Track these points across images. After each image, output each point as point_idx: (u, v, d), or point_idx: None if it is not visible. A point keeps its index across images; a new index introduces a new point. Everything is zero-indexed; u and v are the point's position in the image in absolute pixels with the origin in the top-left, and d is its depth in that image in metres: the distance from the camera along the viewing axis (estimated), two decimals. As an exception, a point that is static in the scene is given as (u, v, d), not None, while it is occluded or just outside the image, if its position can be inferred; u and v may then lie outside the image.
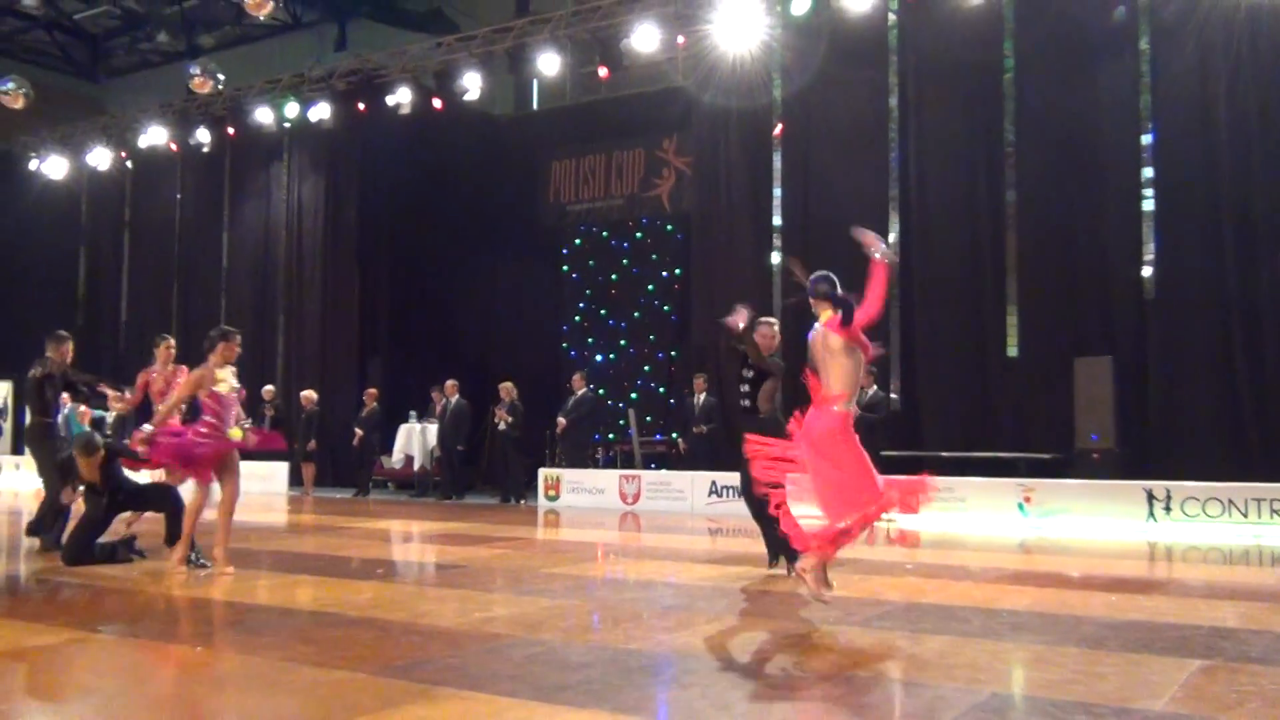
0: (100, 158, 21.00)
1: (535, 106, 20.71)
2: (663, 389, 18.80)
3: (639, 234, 19.67)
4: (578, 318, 20.16)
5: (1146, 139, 13.16)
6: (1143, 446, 12.66)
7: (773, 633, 5.81)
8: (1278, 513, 10.84)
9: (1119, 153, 13.31)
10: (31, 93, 18.81)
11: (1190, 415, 12.61)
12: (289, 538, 11.15)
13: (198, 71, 17.51)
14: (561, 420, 15.51)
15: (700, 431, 14.47)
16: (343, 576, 7.84)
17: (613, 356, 19.68)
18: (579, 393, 15.56)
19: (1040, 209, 13.66)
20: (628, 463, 16.36)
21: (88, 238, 23.25)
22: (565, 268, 20.38)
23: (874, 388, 12.91)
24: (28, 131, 21.66)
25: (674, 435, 16.12)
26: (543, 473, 15.57)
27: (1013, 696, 4.54)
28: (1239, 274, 12.37)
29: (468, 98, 16.83)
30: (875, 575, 7.25)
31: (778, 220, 15.46)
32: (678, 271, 18.72)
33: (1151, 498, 11.42)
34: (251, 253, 20.53)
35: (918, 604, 6.60)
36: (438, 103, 17.27)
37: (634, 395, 18.93)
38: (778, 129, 15.50)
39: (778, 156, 15.52)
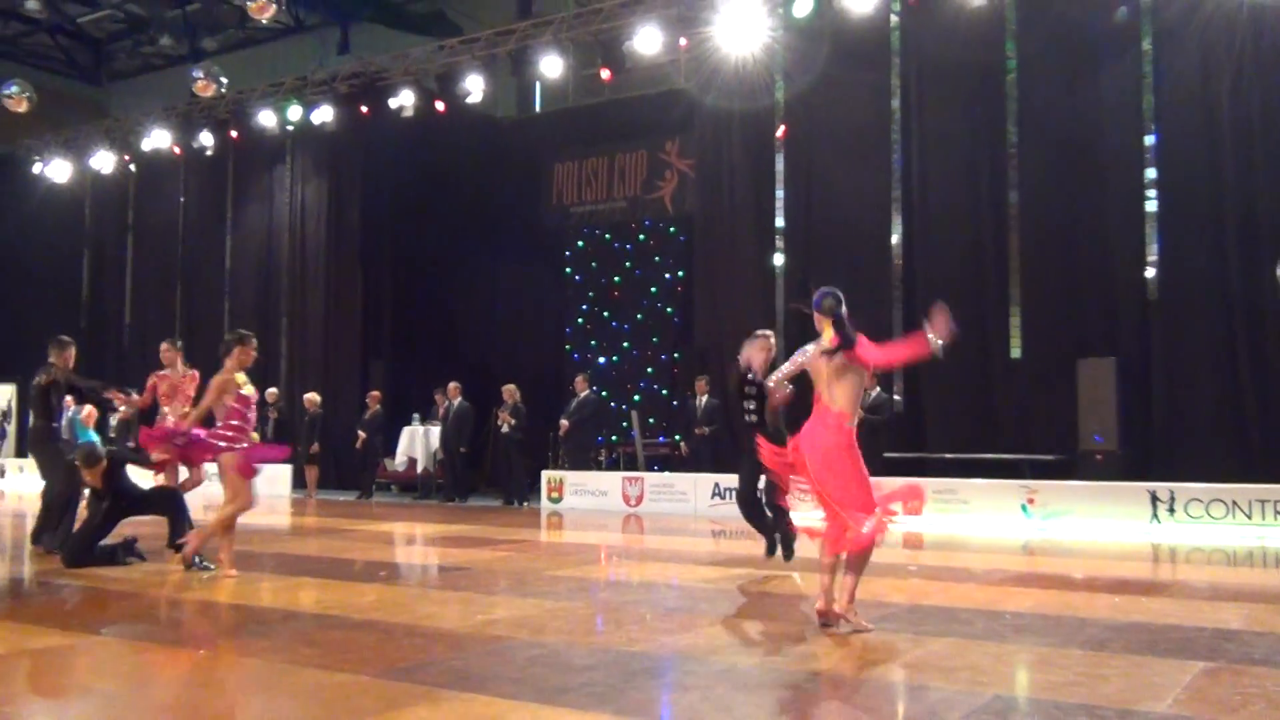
0: (104, 161, 21.03)
1: (538, 109, 20.71)
2: (665, 391, 18.80)
3: (641, 236, 19.68)
4: (580, 319, 20.17)
5: (1149, 140, 13.13)
6: (1146, 448, 12.64)
7: (775, 635, 5.80)
8: (1282, 514, 10.83)
9: (1121, 154, 13.29)
10: (35, 96, 18.85)
11: (1194, 416, 12.58)
12: (292, 540, 11.16)
13: (201, 75, 17.54)
14: (564, 422, 15.53)
15: (702, 433, 14.47)
16: (346, 579, 7.85)
17: (615, 358, 19.68)
18: (581, 395, 15.58)
19: (1043, 210, 13.64)
20: (631, 465, 16.36)
21: (91, 241, 23.29)
22: (568, 270, 20.39)
23: (877, 389, 12.91)
24: (31, 135, 21.70)
25: (677, 437, 16.12)
26: (546, 475, 15.58)
27: (1016, 699, 4.54)
28: (1242, 275, 12.34)
29: (470, 100, 16.84)
30: (878, 577, 7.24)
31: (780, 222, 15.45)
32: (680, 273, 18.72)
33: (1155, 499, 11.40)
34: (254, 255, 20.55)
35: (920, 606, 6.60)
36: (440, 105, 17.27)
37: (637, 397, 18.94)
38: (780, 131, 15.49)
39: (780, 158, 15.51)
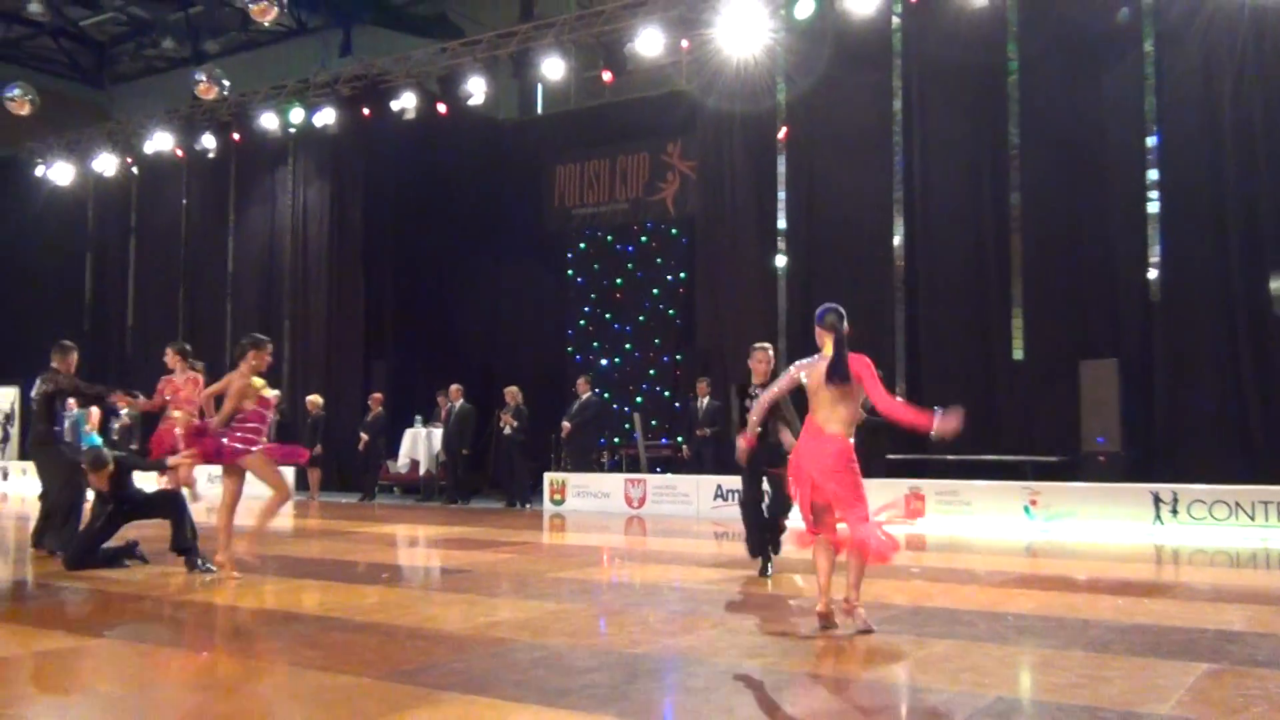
0: (106, 163, 21.04)
1: (540, 111, 20.72)
2: (668, 393, 18.81)
3: (643, 238, 19.70)
4: (582, 321, 20.18)
5: (1151, 141, 13.11)
6: (1149, 449, 12.63)
7: (777, 637, 5.80)
8: (1285, 515, 10.82)
9: (1124, 155, 13.28)
10: (38, 99, 18.86)
11: (1196, 417, 12.57)
12: (295, 542, 11.16)
13: (203, 77, 17.53)
14: (566, 424, 15.53)
15: (704, 434, 14.47)
16: (348, 581, 7.86)
17: (617, 360, 19.69)
18: (583, 396, 15.59)
19: (1045, 211, 13.63)
20: (633, 466, 16.36)
21: (94, 243, 23.30)
22: (570, 272, 20.40)
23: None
24: (34, 138, 21.71)
25: (679, 439, 16.11)
26: (548, 477, 15.58)
27: (1018, 700, 4.54)
28: (1245, 275, 12.32)
29: (472, 102, 16.84)
30: (881, 579, 7.24)
31: (782, 223, 15.45)
32: (682, 275, 18.72)
33: (1158, 500, 11.40)
34: (257, 258, 20.56)
35: (923, 608, 6.60)
36: (442, 108, 17.27)
37: (639, 399, 18.94)
38: (782, 132, 15.48)
39: (782, 160, 15.50)
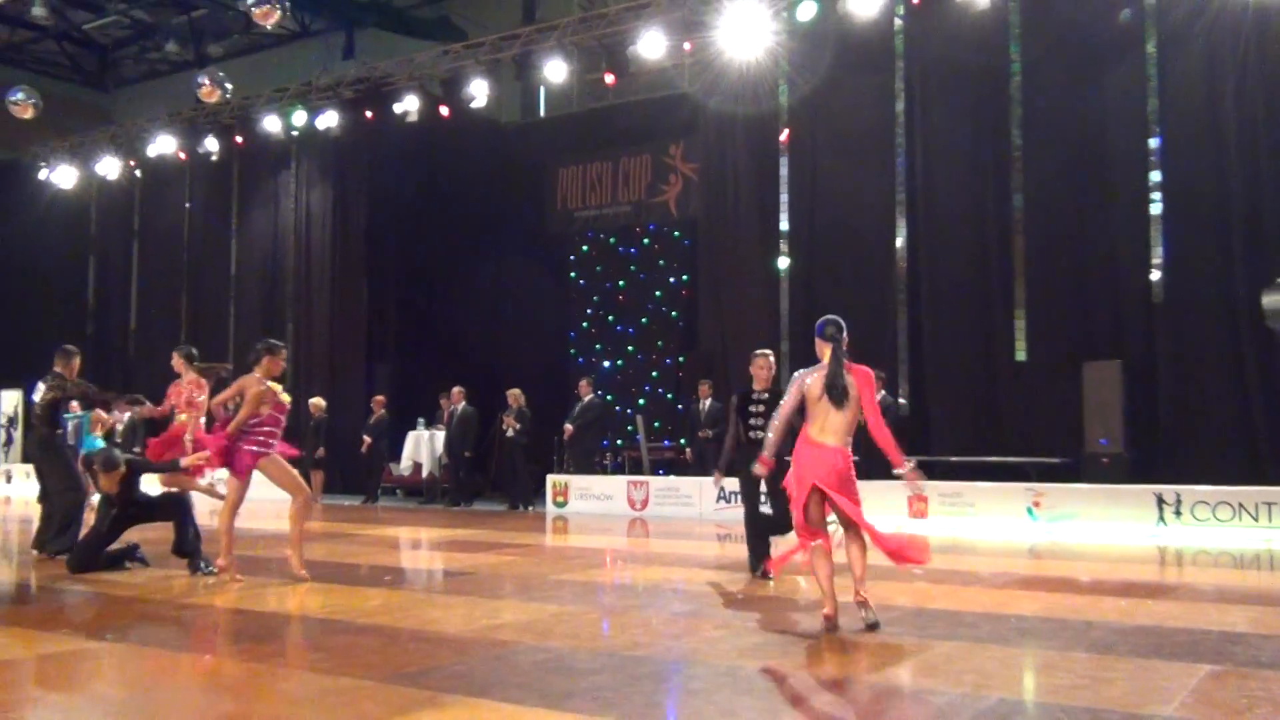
0: (109, 167, 21.07)
1: (542, 113, 20.72)
2: (670, 395, 18.81)
3: (646, 240, 19.71)
4: (585, 324, 20.19)
5: (1154, 142, 13.09)
6: (1152, 450, 12.62)
7: (780, 639, 5.80)
8: (1288, 517, 10.80)
9: (1126, 156, 13.27)
10: (41, 103, 18.88)
11: (1200, 419, 12.56)
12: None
13: (206, 81, 17.54)
14: (568, 426, 15.53)
15: (706, 436, 14.46)
16: (351, 583, 7.86)
17: (620, 362, 19.70)
18: (585, 399, 15.59)
19: (1047, 213, 13.63)
20: (636, 469, 16.36)
21: (97, 246, 23.32)
22: (572, 274, 20.41)
23: (882, 392, 12.88)
24: (37, 141, 21.75)
25: (682, 441, 16.10)
26: (551, 479, 15.58)
27: (1021, 702, 4.53)
28: (1247, 277, 12.30)
29: (475, 105, 16.86)
30: (883, 580, 7.23)
31: (785, 225, 15.45)
32: (685, 277, 18.73)
33: (1161, 502, 11.39)
34: (260, 261, 20.58)
35: (926, 609, 6.59)
36: (445, 110, 17.28)
37: (641, 401, 18.94)
38: (784, 135, 15.48)
39: (784, 162, 15.50)
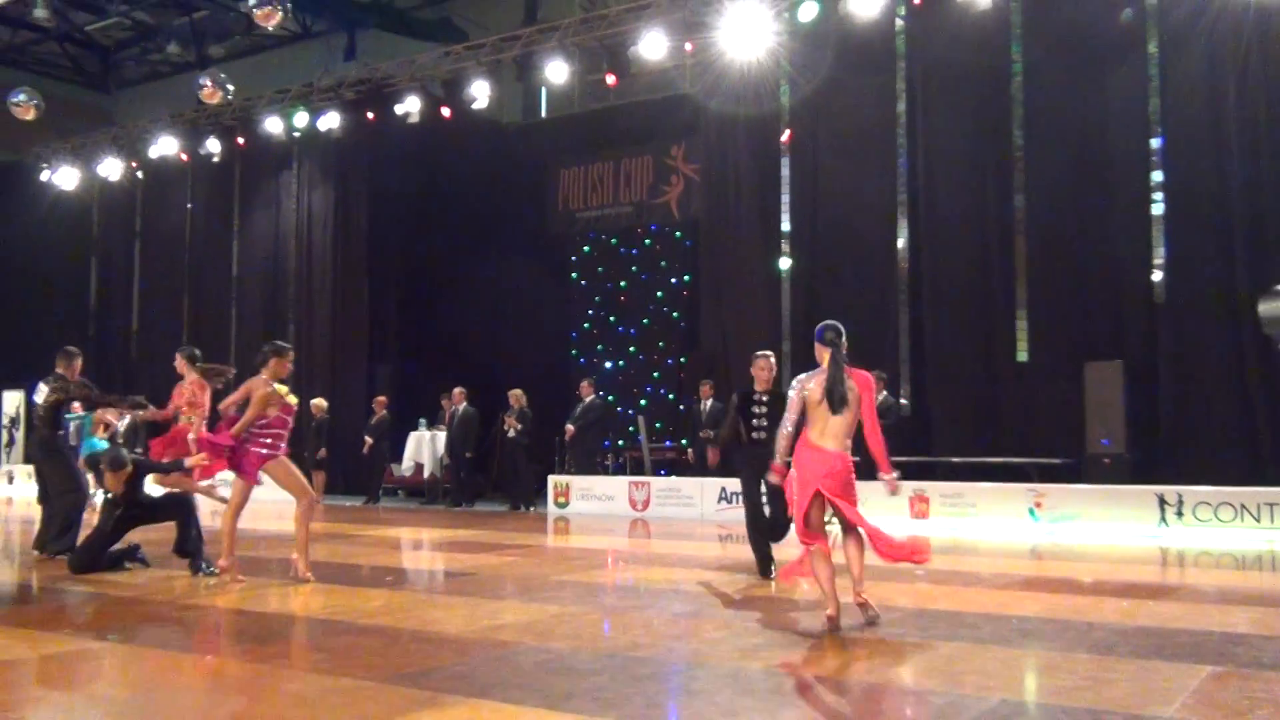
0: (111, 168, 21.08)
1: (543, 114, 20.72)
2: (672, 395, 18.80)
3: (647, 241, 19.70)
4: (586, 324, 20.19)
5: (1155, 143, 13.09)
6: (1154, 451, 12.60)
7: (782, 639, 5.80)
8: (1291, 517, 10.79)
9: (1128, 157, 13.26)
10: (43, 104, 18.90)
11: (1202, 419, 12.55)
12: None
13: (207, 82, 17.56)
14: (570, 427, 15.53)
15: (707, 436, 14.41)
16: (352, 584, 7.86)
17: (621, 363, 19.70)
18: (587, 399, 15.58)
19: (1049, 213, 13.62)
20: (637, 469, 16.36)
21: (99, 248, 23.34)
22: (574, 275, 20.41)
23: (884, 393, 12.88)
24: (39, 142, 21.76)
25: (683, 442, 16.09)
26: (552, 479, 15.59)
27: (1023, 703, 4.53)
28: (1249, 277, 12.29)
29: (476, 106, 16.86)
30: (885, 581, 7.23)
31: (786, 226, 15.45)
32: (686, 278, 18.72)
33: (1163, 502, 11.37)
34: (261, 262, 20.59)
35: (928, 610, 6.59)
36: (446, 111, 17.28)
37: (643, 402, 18.94)
38: (786, 135, 15.48)
39: (786, 163, 15.50)
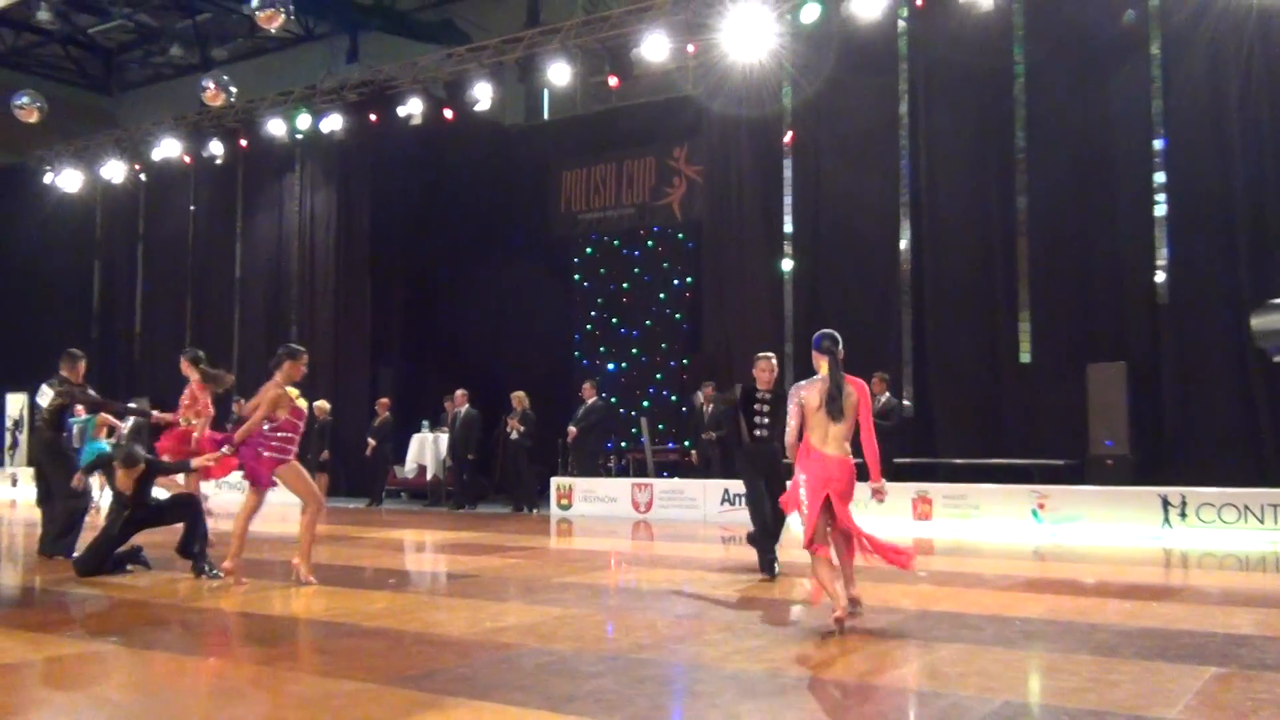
0: (114, 170, 21.12)
1: (546, 116, 20.76)
2: (675, 397, 18.80)
3: (650, 242, 19.71)
4: (589, 326, 20.20)
5: (1158, 144, 13.08)
6: (1157, 452, 12.60)
7: (784, 641, 5.79)
8: (1294, 518, 10.77)
9: (1131, 158, 13.26)
10: (46, 107, 18.88)
11: (1205, 421, 12.54)
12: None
13: (210, 84, 17.54)
14: (572, 429, 15.53)
15: (709, 438, 14.45)
16: (355, 586, 7.87)
17: (624, 365, 19.70)
18: (589, 401, 15.58)
19: (1052, 215, 13.62)
20: (640, 471, 16.35)
21: (102, 250, 23.37)
22: (576, 276, 20.43)
23: (886, 394, 12.89)
24: (42, 145, 21.81)
25: (686, 443, 16.09)
26: (555, 481, 15.58)
27: (1026, 704, 4.52)
28: (1252, 278, 12.28)
29: (478, 108, 16.88)
30: (888, 582, 7.22)
31: (789, 228, 15.45)
32: (689, 279, 18.73)
33: (1166, 504, 11.35)
34: (264, 264, 20.60)
35: (930, 611, 6.58)
36: (449, 113, 17.31)
37: (646, 403, 18.94)
38: (788, 137, 15.49)
39: (788, 164, 15.51)
